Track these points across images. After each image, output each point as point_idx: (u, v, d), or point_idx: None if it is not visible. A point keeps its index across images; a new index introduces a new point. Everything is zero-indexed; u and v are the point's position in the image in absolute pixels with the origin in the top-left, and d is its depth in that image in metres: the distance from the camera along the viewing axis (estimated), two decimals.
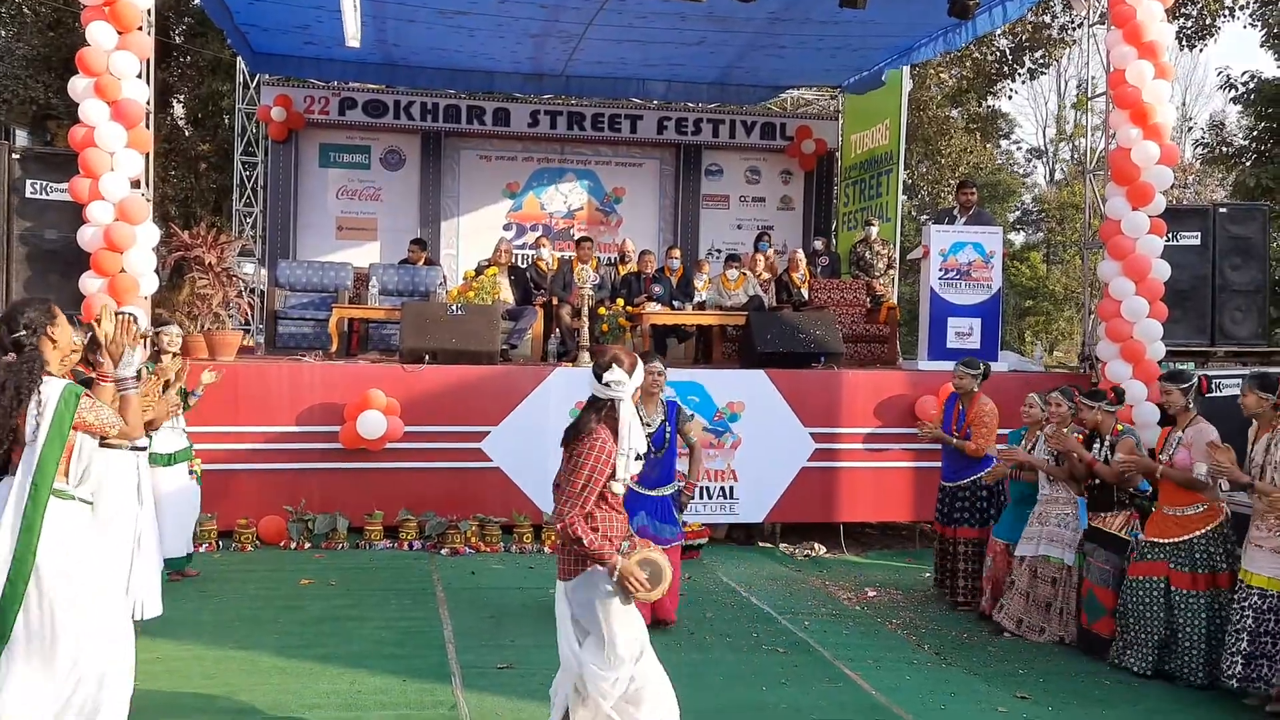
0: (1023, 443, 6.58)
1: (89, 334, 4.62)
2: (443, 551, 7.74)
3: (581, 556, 3.63)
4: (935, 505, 7.28)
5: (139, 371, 5.99)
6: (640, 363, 3.89)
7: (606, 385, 3.72)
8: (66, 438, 3.67)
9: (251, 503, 7.79)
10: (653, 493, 5.96)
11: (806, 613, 6.67)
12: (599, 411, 3.73)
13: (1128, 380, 8.33)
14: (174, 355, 6.35)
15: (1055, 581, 6.15)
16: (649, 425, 5.93)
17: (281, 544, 7.71)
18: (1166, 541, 5.55)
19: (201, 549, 7.30)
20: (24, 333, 3.73)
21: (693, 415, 6.38)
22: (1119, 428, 6.11)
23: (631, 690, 3.66)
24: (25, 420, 3.64)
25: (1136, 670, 5.59)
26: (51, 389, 3.66)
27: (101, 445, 3.82)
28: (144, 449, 5.41)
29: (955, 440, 6.96)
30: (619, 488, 3.70)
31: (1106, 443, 6.02)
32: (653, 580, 3.64)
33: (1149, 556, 5.62)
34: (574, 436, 3.73)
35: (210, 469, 7.33)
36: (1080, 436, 6.17)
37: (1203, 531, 5.48)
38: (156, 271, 7.47)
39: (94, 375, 4.01)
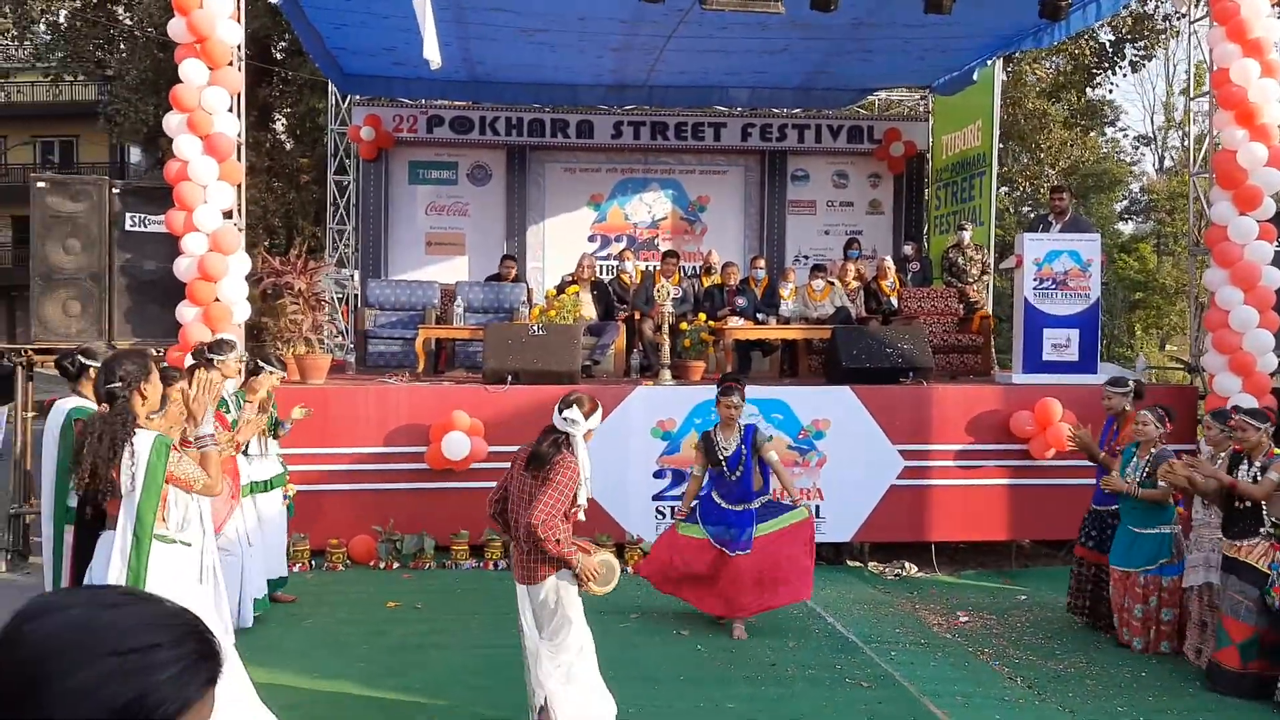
0: (1134, 460, 6.33)
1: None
2: None
3: (542, 561, 4.21)
4: (1081, 528, 6.98)
5: (235, 397, 6.23)
6: (599, 408, 4.44)
7: (563, 420, 4.28)
8: (161, 488, 3.82)
9: (342, 522, 7.97)
10: (734, 507, 6.37)
11: (893, 641, 6.51)
12: (557, 443, 4.27)
13: (1237, 394, 7.95)
14: (268, 392, 6.53)
15: (1214, 607, 5.93)
16: (726, 449, 6.36)
17: (371, 564, 7.86)
18: None
19: (295, 568, 7.50)
20: (118, 385, 3.88)
21: (771, 436, 6.76)
22: (1275, 450, 5.75)
23: (569, 674, 4.29)
24: (120, 472, 3.78)
25: None
26: (142, 441, 3.80)
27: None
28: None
29: (1102, 456, 6.66)
30: (581, 514, 4.32)
31: (1256, 464, 5.68)
32: (606, 578, 4.32)
33: None
34: (543, 462, 4.23)
35: (302, 489, 7.51)
36: (1224, 459, 5.89)
37: None
38: (250, 299, 7.69)
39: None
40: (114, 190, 7.83)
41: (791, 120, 13.69)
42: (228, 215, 7.54)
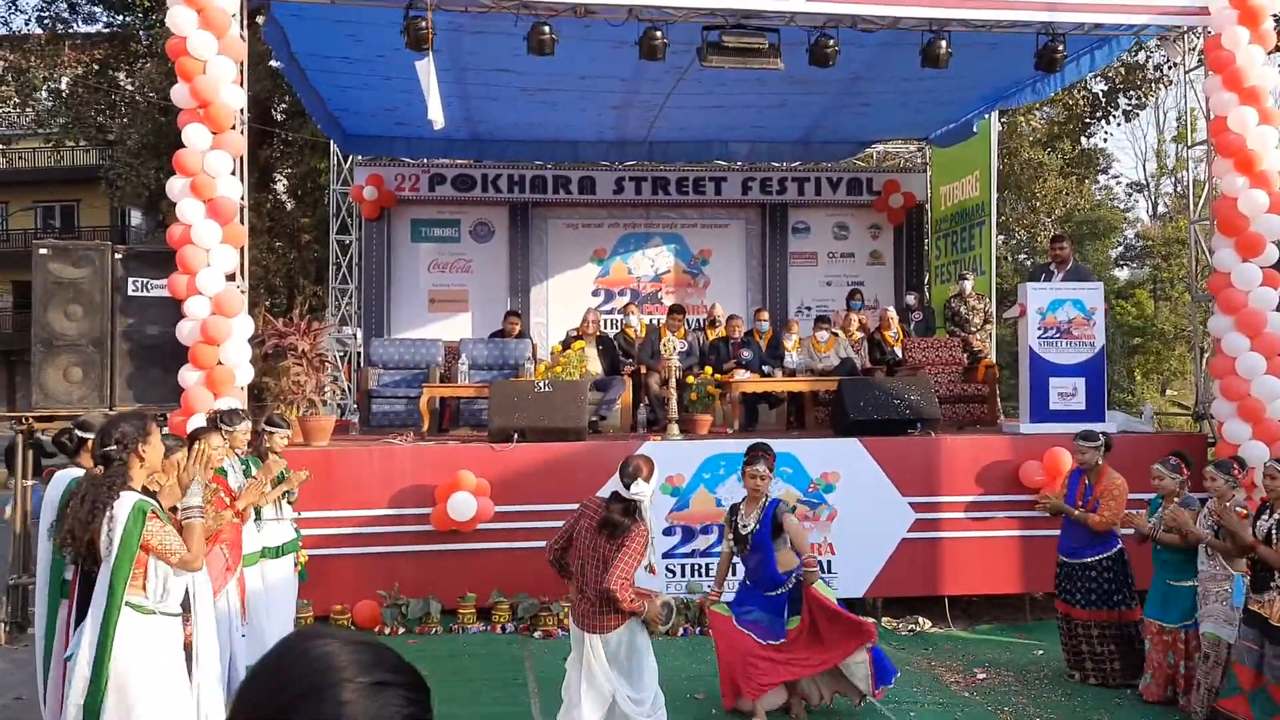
0: (1160, 511, 6.25)
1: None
2: (535, 634, 7.67)
3: (612, 613, 4.73)
4: (1055, 581, 6.94)
5: (245, 464, 6.15)
6: (654, 467, 4.89)
7: (632, 493, 4.74)
8: (135, 554, 3.69)
9: (347, 587, 7.85)
10: (764, 592, 5.92)
11: (911, 701, 6.38)
12: (629, 510, 4.76)
13: (1247, 441, 7.89)
14: (278, 454, 6.48)
15: (1208, 657, 5.80)
16: (745, 526, 5.89)
17: (377, 629, 7.73)
18: None
19: None
20: (114, 448, 3.79)
21: (795, 506, 6.36)
22: None
23: (656, 704, 4.87)
24: (100, 536, 3.69)
25: None
26: (122, 506, 3.68)
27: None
28: None
29: (1078, 513, 6.63)
30: (652, 570, 4.94)
31: (1276, 516, 5.58)
32: (666, 618, 4.88)
33: None
34: (618, 530, 4.72)
35: (307, 555, 7.40)
36: (1244, 511, 5.79)
37: None
38: (252, 361, 7.64)
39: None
40: (116, 255, 7.82)
41: (791, 173, 13.79)
42: (230, 278, 7.52)
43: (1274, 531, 5.43)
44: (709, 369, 9.92)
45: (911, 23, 8.31)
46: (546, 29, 7.92)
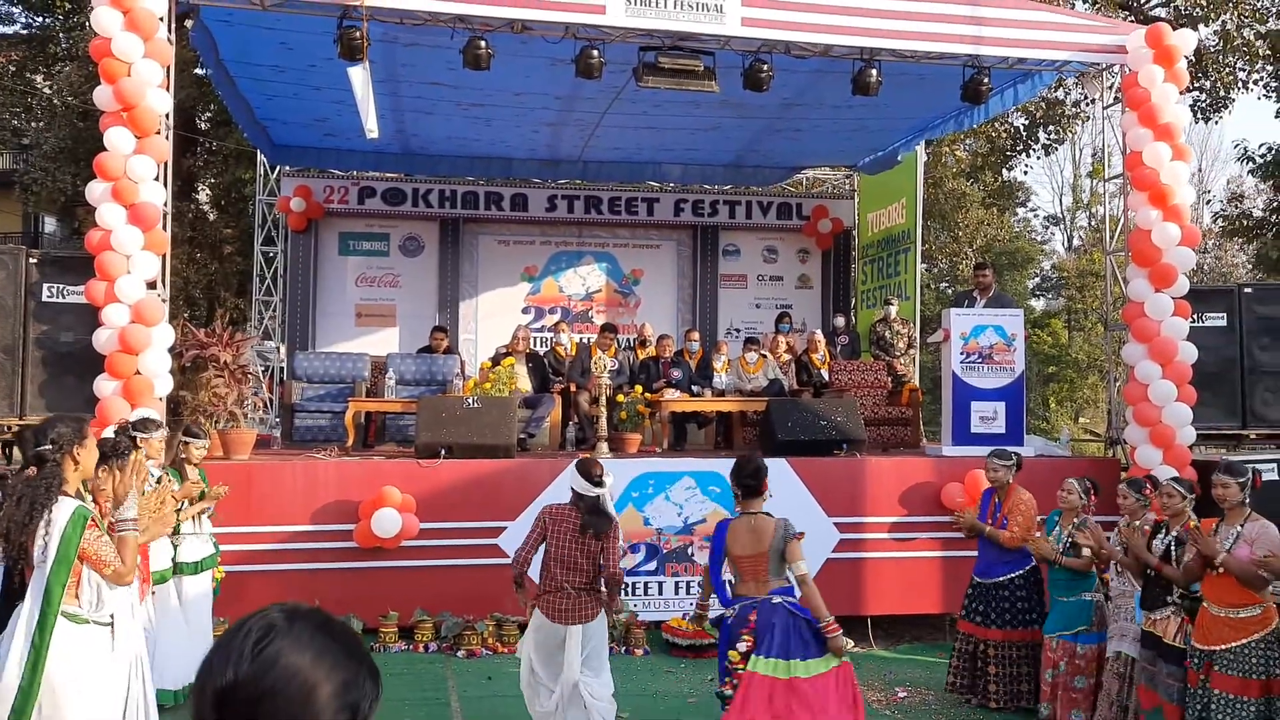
0: (1057, 529, 6.39)
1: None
2: (459, 653, 7.57)
3: (599, 602, 5.26)
4: (963, 602, 7.04)
5: (159, 480, 5.98)
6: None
7: (607, 487, 5.26)
8: (73, 561, 3.59)
9: (265, 605, 7.64)
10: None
11: None
12: (598, 508, 5.22)
13: (1158, 466, 8.14)
14: (196, 466, 6.31)
15: (1123, 676, 5.93)
16: None
17: None
18: (1220, 648, 5.23)
19: None
20: (49, 448, 3.67)
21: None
22: (1191, 522, 5.83)
23: (612, 699, 5.34)
24: (35, 540, 3.56)
25: None
26: (61, 510, 3.59)
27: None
28: None
29: (989, 529, 6.76)
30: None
31: (1173, 534, 5.73)
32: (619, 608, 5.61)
33: (1203, 663, 5.26)
34: (601, 529, 5.19)
35: (226, 570, 7.21)
36: (1147, 529, 5.95)
37: (1261, 635, 5.19)
38: (171, 372, 7.44)
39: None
40: (31, 260, 7.57)
41: (723, 196, 13.94)
42: (151, 286, 7.33)
43: (1173, 549, 5.62)
44: (639, 388, 9.94)
45: (843, 51, 8.48)
46: (483, 43, 7.90)
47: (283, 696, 1.33)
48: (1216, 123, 15.97)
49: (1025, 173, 21.90)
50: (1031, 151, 18.01)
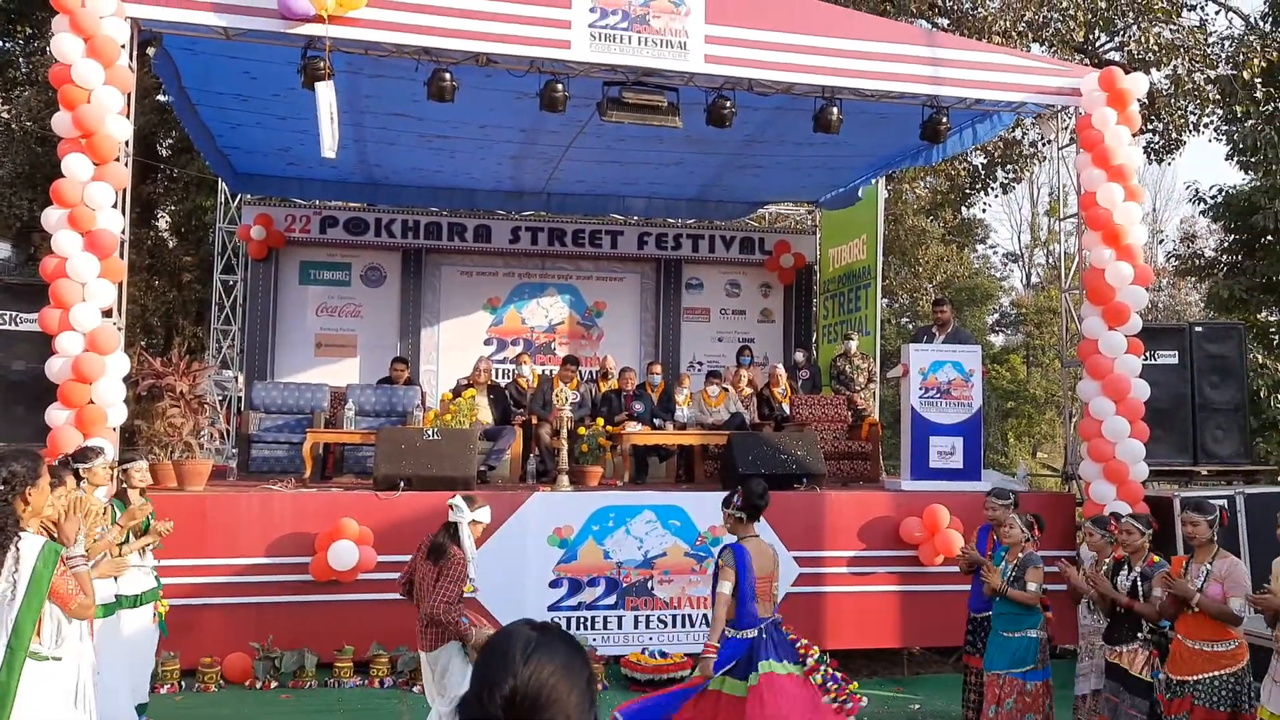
0: (1004, 564, 6.39)
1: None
2: (415, 689, 7.44)
3: (441, 634, 5.09)
4: (965, 636, 6.95)
5: (106, 509, 5.87)
6: (488, 506, 5.45)
7: (451, 508, 5.32)
8: (44, 599, 3.53)
9: (217, 639, 7.51)
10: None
11: None
12: (448, 531, 5.27)
13: (1112, 501, 8.25)
14: (141, 491, 6.20)
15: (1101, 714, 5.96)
16: None
17: (247, 683, 7.40)
18: (1192, 678, 5.29)
19: (163, 690, 7.00)
20: (1, 486, 3.61)
21: (730, 561, 5.37)
22: (1154, 558, 5.89)
23: None
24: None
25: None
26: (29, 547, 3.53)
27: None
28: None
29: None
30: (473, 591, 5.40)
31: (1136, 570, 5.79)
32: None
33: (1180, 694, 5.32)
34: (440, 554, 5.18)
35: (174, 604, 7.06)
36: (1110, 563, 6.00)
37: (1235, 669, 5.25)
38: (126, 401, 7.33)
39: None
40: None
41: (686, 230, 14.03)
42: (107, 314, 7.23)
43: (1139, 584, 5.67)
44: (600, 420, 9.92)
45: (805, 89, 8.60)
46: (448, 76, 7.93)
47: (549, 699, 1.60)
48: (1169, 164, 16.37)
49: (984, 210, 22.34)
50: (990, 190, 18.32)
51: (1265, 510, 7.83)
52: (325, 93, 7.63)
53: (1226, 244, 15.75)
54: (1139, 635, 5.68)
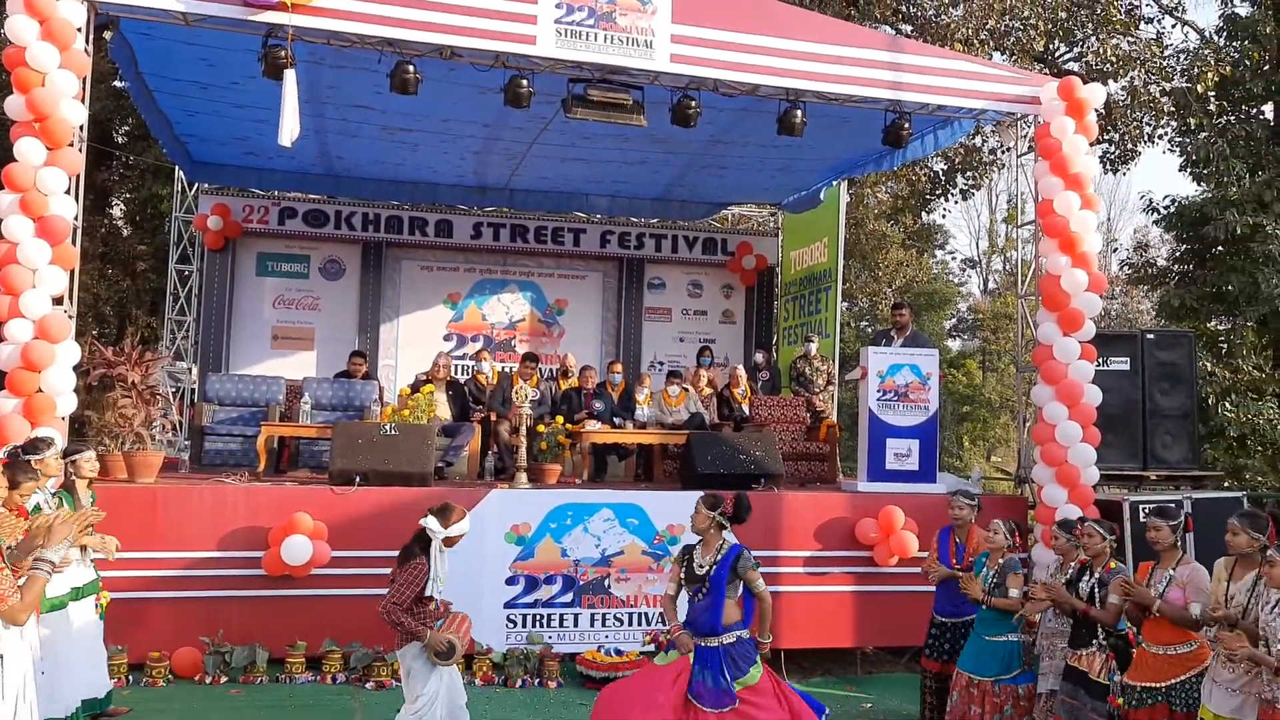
0: (985, 569, 6.44)
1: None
2: (368, 685, 7.40)
3: (406, 634, 5.19)
4: (927, 640, 6.94)
5: (58, 498, 5.78)
6: (465, 517, 5.42)
7: (423, 524, 5.30)
8: None
9: (166, 633, 7.40)
10: (701, 641, 5.35)
11: None
12: (418, 540, 5.32)
13: (1064, 505, 8.37)
14: (89, 483, 6.09)
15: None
16: (701, 566, 5.44)
17: (196, 678, 7.30)
18: (1164, 684, 5.34)
19: (111, 683, 6.88)
20: None
21: (758, 564, 5.51)
22: (1111, 564, 5.96)
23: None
24: None
25: None
26: None
27: None
28: None
29: (963, 577, 6.67)
30: (432, 603, 5.34)
31: (1097, 574, 5.85)
32: (448, 654, 5.16)
33: (1148, 702, 5.37)
34: (405, 558, 5.29)
35: (123, 597, 6.97)
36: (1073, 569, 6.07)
37: (1198, 671, 5.27)
38: (76, 390, 7.19)
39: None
40: None
41: (649, 230, 14.04)
42: (58, 301, 7.10)
43: (1096, 590, 5.76)
44: (560, 418, 9.91)
45: (770, 90, 8.64)
46: (411, 68, 7.87)
47: None
48: (1124, 174, 16.65)
49: (944, 216, 22.60)
50: (950, 196, 18.52)
51: (1212, 515, 8.00)
52: (293, 82, 7.54)
53: (1178, 254, 16.05)
54: (1095, 640, 5.76)
